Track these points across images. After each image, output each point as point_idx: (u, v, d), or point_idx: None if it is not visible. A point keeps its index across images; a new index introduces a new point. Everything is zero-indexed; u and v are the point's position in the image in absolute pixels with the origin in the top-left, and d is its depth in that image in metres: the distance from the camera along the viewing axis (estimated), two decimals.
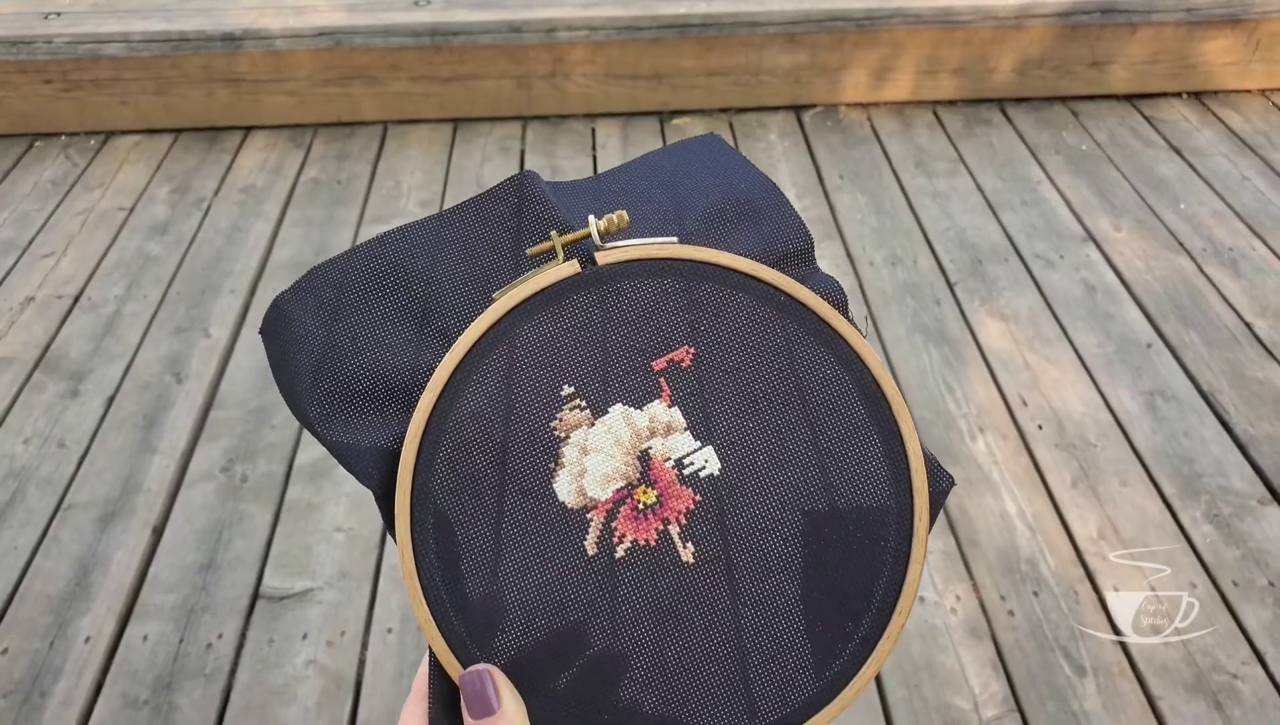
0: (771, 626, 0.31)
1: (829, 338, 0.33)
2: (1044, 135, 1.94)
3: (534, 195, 0.37)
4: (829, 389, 0.33)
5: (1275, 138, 1.92)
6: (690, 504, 0.32)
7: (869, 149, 1.91)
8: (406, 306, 0.35)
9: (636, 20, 1.87)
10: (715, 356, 0.33)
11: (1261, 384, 1.39)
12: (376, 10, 1.90)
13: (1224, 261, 1.61)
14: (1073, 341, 1.46)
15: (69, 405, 1.37)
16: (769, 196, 0.38)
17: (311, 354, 0.34)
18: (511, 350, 0.33)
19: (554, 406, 0.33)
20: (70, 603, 1.12)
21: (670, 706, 0.30)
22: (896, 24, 1.88)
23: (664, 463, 0.32)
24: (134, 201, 1.79)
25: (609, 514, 0.32)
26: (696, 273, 0.34)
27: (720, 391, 0.33)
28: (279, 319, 0.35)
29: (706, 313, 0.34)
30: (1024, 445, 1.30)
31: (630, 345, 0.33)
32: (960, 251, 1.64)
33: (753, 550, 0.31)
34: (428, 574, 0.31)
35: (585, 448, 0.32)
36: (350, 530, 1.19)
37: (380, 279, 0.35)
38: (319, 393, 0.33)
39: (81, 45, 1.86)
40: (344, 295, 0.35)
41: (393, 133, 1.98)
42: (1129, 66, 1.99)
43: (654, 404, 0.33)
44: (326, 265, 0.36)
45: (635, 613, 0.31)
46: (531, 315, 0.33)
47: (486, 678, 0.29)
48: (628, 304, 0.34)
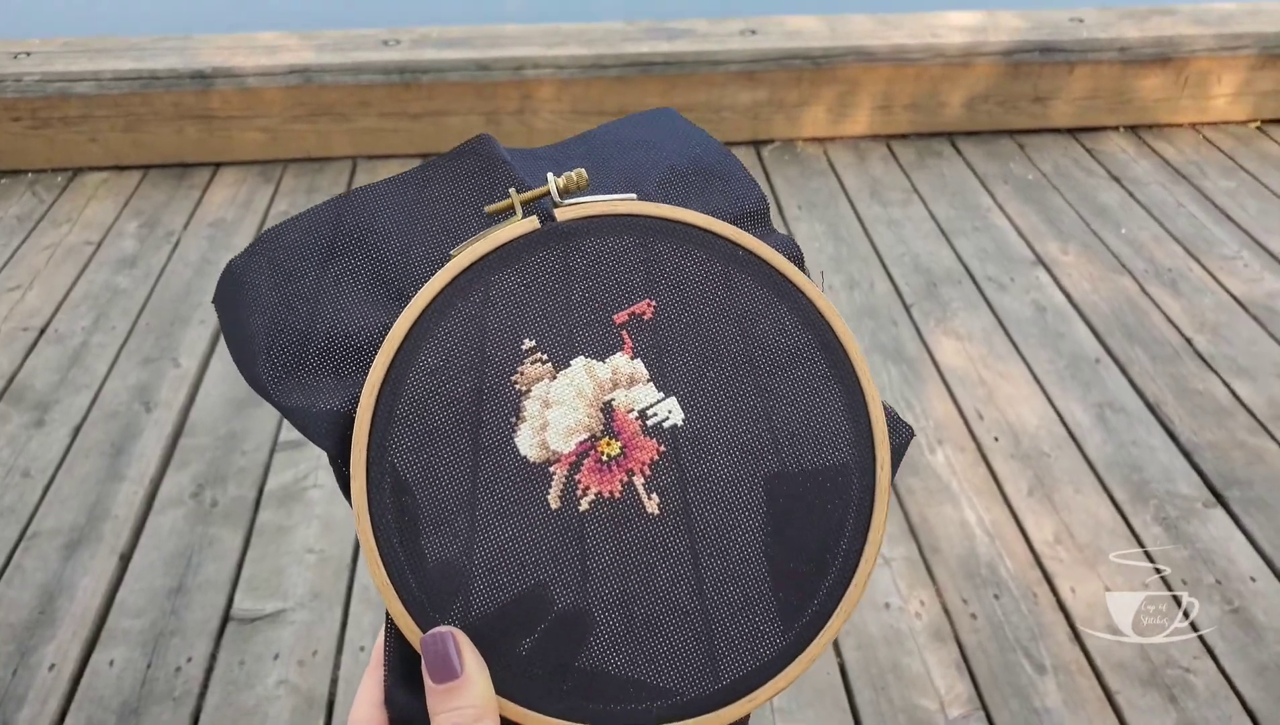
0: (737, 579, 0.30)
1: (787, 291, 0.34)
2: (992, 166, 2.02)
3: (492, 156, 0.37)
4: (788, 340, 0.33)
5: (1206, 168, 2.01)
6: (654, 455, 0.31)
7: (826, 180, 1.97)
8: (363, 267, 0.35)
9: (601, 59, 1.93)
10: (676, 310, 0.33)
11: (1202, 395, 1.45)
12: (346, 49, 1.94)
13: (1164, 282, 1.68)
14: (1025, 358, 1.52)
15: (34, 435, 1.37)
16: (724, 160, 0.39)
17: (264, 315, 0.33)
18: (469, 306, 0.33)
19: (515, 360, 0.32)
20: (34, 630, 1.11)
21: (636, 666, 0.29)
22: (851, 62, 1.96)
23: (627, 414, 0.32)
24: (102, 236, 1.80)
25: (572, 467, 0.31)
26: (655, 228, 0.34)
27: (682, 344, 0.33)
28: (231, 283, 0.35)
29: (666, 267, 0.34)
30: (981, 456, 1.35)
31: (591, 299, 0.33)
32: (915, 275, 1.70)
33: (717, 501, 0.31)
34: (384, 536, 0.30)
35: (547, 401, 0.32)
36: (322, 552, 1.20)
37: (335, 240, 0.35)
38: (272, 355, 0.33)
39: (51, 84, 1.88)
40: (298, 257, 0.35)
41: (362, 167, 2.01)
42: (1070, 101, 2.09)
43: (616, 356, 0.32)
44: (280, 227, 0.36)
45: (600, 568, 0.30)
46: (491, 271, 0.33)
47: (449, 639, 0.28)
48: (588, 259, 0.34)
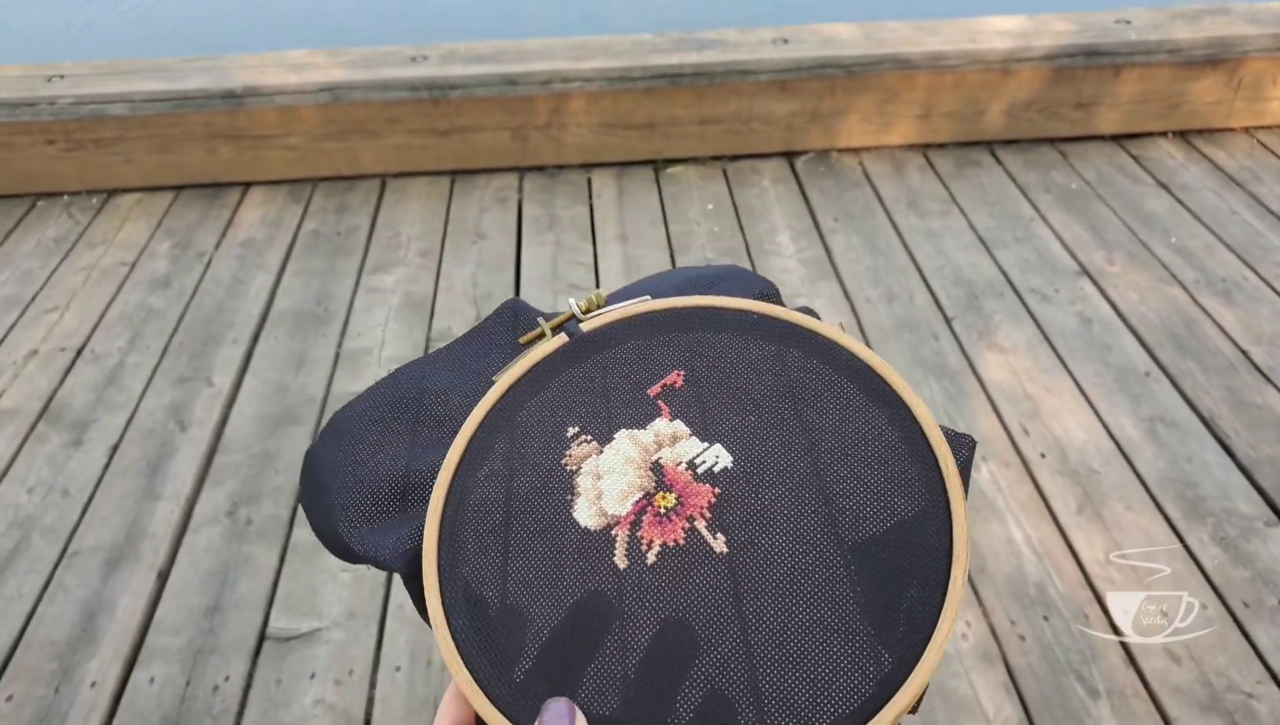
0: (824, 601, 0.30)
1: (803, 336, 0.36)
2: (1033, 175, 1.98)
3: (526, 308, 0.42)
4: (813, 377, 0.35)
5: (1261, 173, 1.96)
6: (710, 498, 0.32)
7: (862, 191, 1.94)
8: (420, 418, 0.38)
9: (629, 71, 1.92)
10: (704, 374, 0.36)
11: (1261, 409, 1.40)
12: (374, 66, 1.94)
13: (1217, 291, 1.64)
14: (1071, 372, 1.48)
15: (72, 454, 1.37)
16: (733, 271, 0.43)
17: (336, 479, 0.37)
18: (518, 417, 0.35)
19: (562, 446, 0.34)
20: (76, 648, 1.10)
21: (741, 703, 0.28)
22: (887, 70, 1.94)
23: (677, 467, 0.33)
24: (136, 256, 1.81)
25: (633, 525, 0.32)
26: (673, 317, 0.38)
27: (715, 399, 0.35)
28: (310, 467, 0.38)
29: (689, 342, 0.37)
30: (1028, 473, 1.31)
31: (624, 383, 0.36)
32: (956, 288, 1.66)
33: (782, 529, 0.31)
34: (463, 638, 0.31)
35: (598, 473, 0.33)
36: (357, 571, 1.19)
37: (393, 402, 0.39)
38: (348, 509, 0.35)
39: (84, 106, 1.90)
40: (363, 423, 0.38)
41: (391, 185, 2.01)
42: (1115, 107, 2.04)
43: (656, 421, 0.35)
44: (345, 408, 0.39)
45: (680, 615, 0.30)
46: (532, 387, 0.37)
47: (573, 711, 0.28)
48: (616, 354, 0.37)
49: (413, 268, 1.77)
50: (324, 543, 0.36)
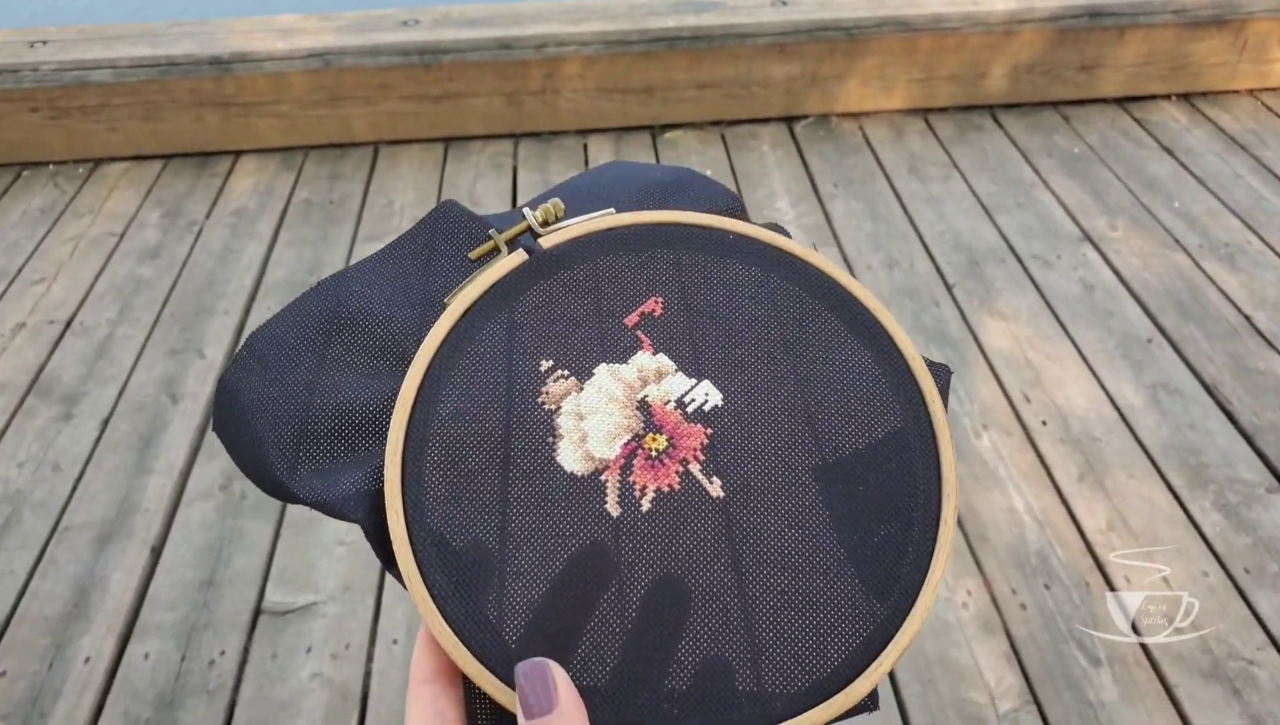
0: (822, 547, 0.29)
1: (784, 261, 0.34)
2: (1035, 139, 1.95)
3: (464, 214, 0.37)
4: (799, 308, 0.33)
5: (1266, 136, 1.93)
6: (703, 439, 0.30)
7: (862, 157, 1.92)
8: (359, 342, 0.34)
9: (626, 34, 1.88)
10: (684, 301, 0.33)
11: (1264, 375, 1.39)
12: (366, 30, 1.90)
13: (1220, 256, 1.62)
14: (1073, 338, 1.46)
15: (63, 429, 1.35)
16: (690, 175, 0.39)
17: (266, 414, 0.32)
18: (478, 347, 0.32)
19: (536, 383, 0.31)
20: (69, 624, 1.09)
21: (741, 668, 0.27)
22: (887, 32, 1.90)
23: (665, 406, 0.31)
24: (124, 227, 1.78)
25: (623, 470, 0.30)
26: (642, 234, 0.34)
27: (698, 330, 0.32)
28: (226, 398, 0.33)
29: (663, 265, 0.34)
30: (1029, 441, 1.30)
31: (597, 311, 0.33)
32: (957, 254, 1.64)
33: (778, 471, 0.30)
34: (442, 596, 0.28)
35: (580, 412, 0.31)
36: (352, 543, 1.18)
37: (324, 324, 0.34)
38: (282, 446, 0.31)
39: (68, 72, 1.86)
40: (289, 349, 0.34)
41: (384, 153, 1.98)
42: (1118, 70, 2.01)
43: (638, 355, 0.32)
44: (264, 326, 0.34)
45: (679, 563, 0.29)
46: (491, 310, 0.33)
47: (548, 671, 0.26)
48: (584, 276, 0.33)
49: None
50: (252, 480, 0.32)
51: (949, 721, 1.00)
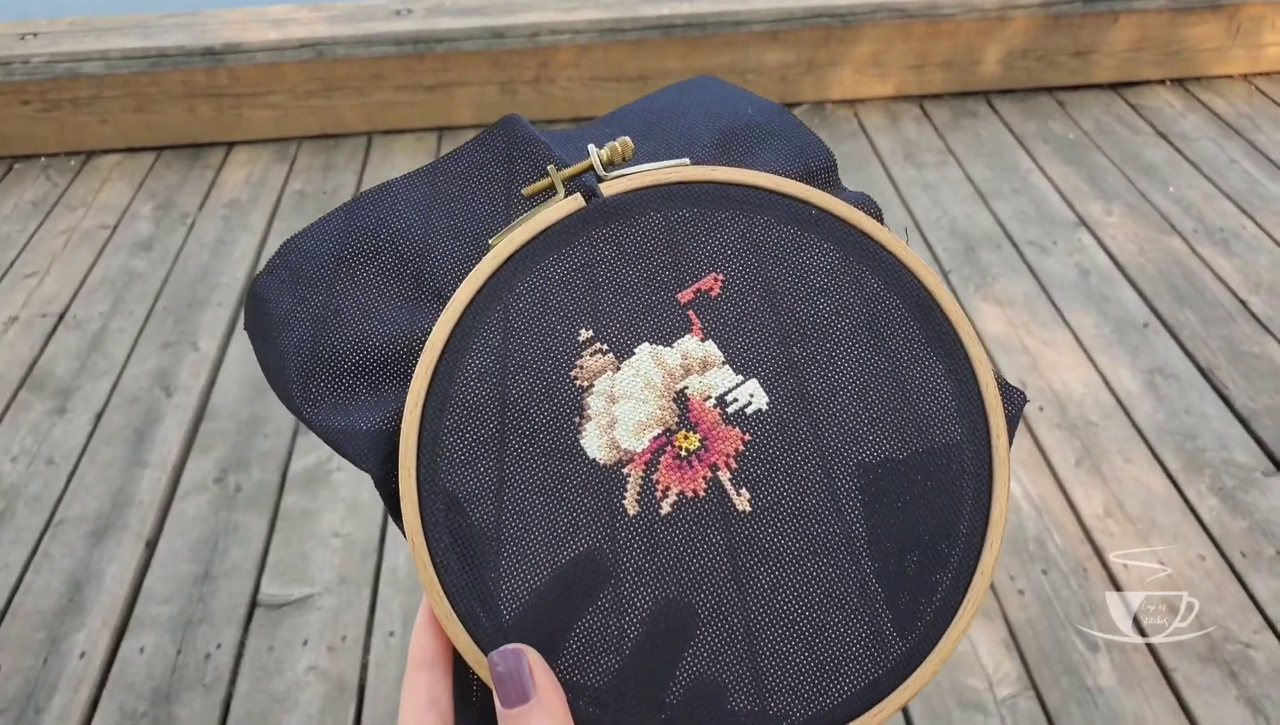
0: (845, 581, 0.27)
1: (869, 250, 0.30)
2: (1031, 125, 1.94)
3: (523, 135, 0.34)
4: (876, 306, 0.29)
5: (1260, 121, 1.93)
6: (739, 445, 0.28)
7: (857, 143, 1.91)
8: (394, 269, 0.32)
9: (620, 22, 1.87)
10: (747, 282, 0.30)
11: (1259, 359, 1.38)
12: (358, 20, 1.89)
13: (1216, 241, 1.61)
14: (1070, 324, 1.46)
15: (56, 422, 1.35)
16: (780, 118, 0.35)
17: (292, 333, 0.31)
18: (516, 299, 0.29)
19: (572, 353, 0.29)
20: (63, 618, 1.09)
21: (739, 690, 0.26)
22: (881, 18, 1.89)
23: (704, 402, 0.29)
24: (117, 219, 1.77)
25: (648, 466, 0.28)
26: (714, 195, 0.31)
27: (757, 319, 0.29)
28: (256, 305, 0.32)
29: (731, 236, 0.30)
30: (1026, 427, 1.29)
31: (650, 279, 0.30)
32: (953, 240, 1.64)
33: (816, 491, 0.28)
34: (444, 563, 0.27)
35: (612, 395, 0.29)
36: (348, 535, 1.17)
37: (361, 243, 0.32)
38: (303, 374, 0.30)
39: (59, 64, 1.84)
40: (322, 266, 0.32)
41: (378, 143, 1.97)
42: (1112, 55, 2.00)
43: (685, 339, 0.29)
44: (300, 236, 0.32)
45: (691, 577, 0.27)
46: (536, 259, 0.30)
47: (522, 658, 0.25)
48: (642, 235, 0.30)
49: None
50: (278, 397, 0.30)
51: (948, 708, 1.01)
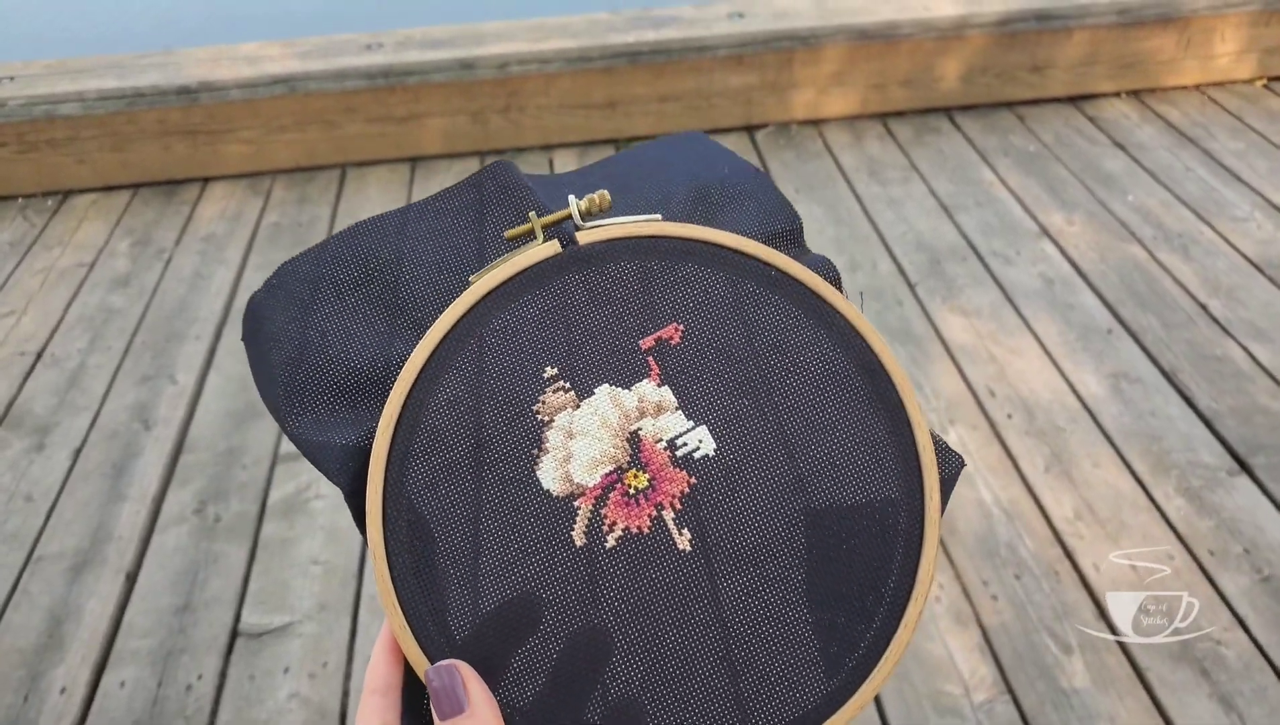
0: (775, 622, 0.28)
1: (823, 312, 0.32)
2: (992, 139, 1.98)
3: (511, 181, 0.36)
4: (826, 365, 0.31)
5: (1213, 129, 1.98)
6: (685, 487, 0.30)
7: (822, 162, 1.94)
8: (379, 298, 0.34)
9: (587, 51, 1.90)
10: (706, 334, 0.32)
11: (1220, 361, 1.42)
12: (329, 55, 1.91)
13: (1175, 247, 1.65)
14: (1035, 332, 1.49)
15: (35, 459, 1.35)
16: (754, 180, 0.38)
17: (283, 349, 0.33)
18: (490, 335, 0.31)
19: (536, 389, 0.31)
20: (43, 655, 1.09)
21: (665, 711, 0.28)
22: (841, 40, 1.93)
23: (655, 444, 0.30)
24: (94, 257, 1.78)
25: (598, 501, 0.29)
26: (682, 250, 0.33)
27: (713, 370, 0.31)
28: (253, 319, 0.34)
29: (694, 289, 0.32)
30: (995, 434, 1.32)
31: (616, 324, 0.32)
32: (918, 253, 1.67)
33: (754, 537, 0.29)
34: (401, 576, 0.29)
35: (570, 431, 0.30)
36: (327, 563, 1.18)
37: (352, 271, 0.34)
38: (291, 390, 0.32)
39: (36, 107, 1.86)
40: (316, 289, 0.34)
41: (352, 174, 1.99)
42: (1068, 69, 2.05)
43: (642, 383, 0.31)
44: (297, 259, 0.35)
45: (629, 608, 0.28)
46: (511, 299, 0.32)
47: (454, 672, 0.27)
48: (612, 283, 0.32)
49: None
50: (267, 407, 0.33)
51: (924, 714, 1.02)
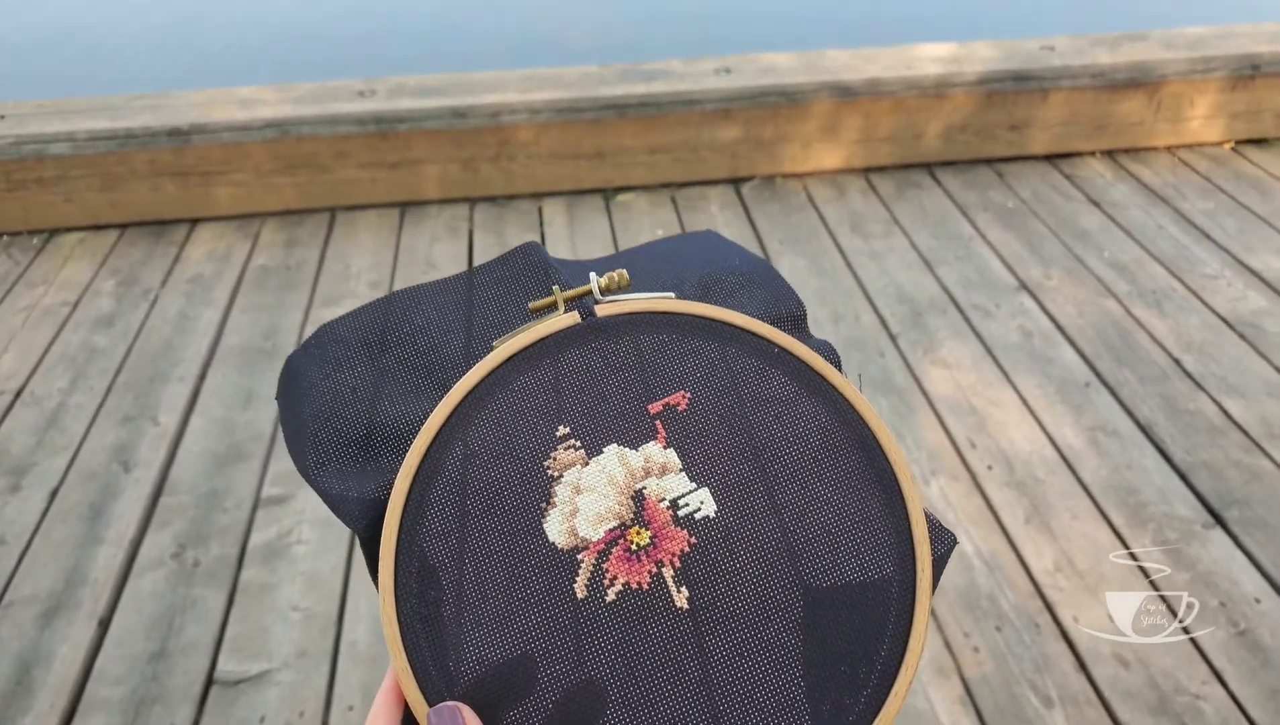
0: (768, 684, 0.29)
1: (823, 389, 0.34)
2: (972, 195, 2.03)
3: (538, 260, 0.39)
4: (824, 438, 0.33)
5: (1184, 189, 2.03)
6: (685, 546, 0.31)
7: (806, 215, 1.98)
8: (409, 360, 0.36)
9: (577, 102, 1.94)
10: (711, 402, 0.34)
11: (1194, 414, 1.44)
12: (323, 101, 1.94)
13: (1149, 303, 1.69)
14: (1015, 385, 1.51)
15: (9, 501, 1.34)
16: (763, 270, 0.40)
17: (313, 404, 0.35)
18: (509, 396, 0.33)
19: (548, 446, 0.33)
20: (10, 703, 1.07)
21: None
22: (826, 97, 1.98)
23: (658, 503, 0.32)
24: (79, 296, 1.78)
25: (600, 555, 0.31)
26: (692, 326, 0.35)
27: (716, 436, 0.33)
28: (288, 376, 0.37)
29: (702, 361, 0.34)
30: (976, 486, 1.33)
31: (626, 389, 0.34)
32: (900, 306, 1.70)
33: (750, 598, 0.30)
34: (408, 622, 0.30)
35: (578, 486, 0.32)
36: (307, 609, 1.17)
37: (383, 334, 0.37)
38: (318, 441, 0.34)
39: (26, 146, 1.87)
40: (348, 349, 0.37)
41: (341, 218, 2.00)
42: (1046, 129, 2.11)
43: (649, 445, 0.33)
44: (334, 323, 0.38)
45: (624, 663, 0.29)
46: (532, 363, 0.34)
47: (457, 715, 0.27)
48: (625, 353, 0.34)
49: (362, 299, 1.75)
50: (293, 461, 0.35)
51: None
